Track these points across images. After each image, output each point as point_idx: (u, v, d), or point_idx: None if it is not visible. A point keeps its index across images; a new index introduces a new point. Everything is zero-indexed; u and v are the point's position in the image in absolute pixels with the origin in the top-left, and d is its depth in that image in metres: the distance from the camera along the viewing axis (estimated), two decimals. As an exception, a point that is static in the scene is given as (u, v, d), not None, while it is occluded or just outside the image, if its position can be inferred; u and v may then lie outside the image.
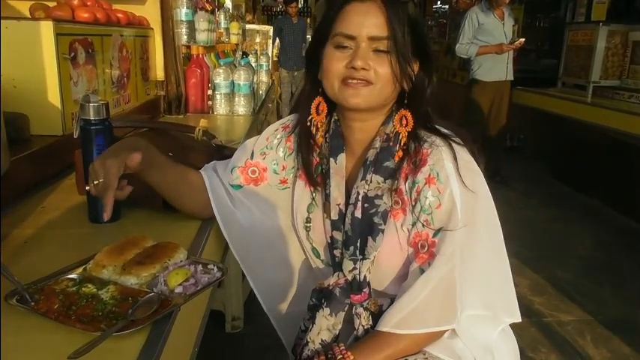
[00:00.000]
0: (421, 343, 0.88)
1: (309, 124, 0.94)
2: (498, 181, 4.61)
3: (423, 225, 0.85)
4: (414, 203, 0.86)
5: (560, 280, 2.89)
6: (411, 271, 0.88)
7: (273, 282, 1.08)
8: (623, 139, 3.71)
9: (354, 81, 0.85)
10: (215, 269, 0.78)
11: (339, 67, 0.86)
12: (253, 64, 3.19)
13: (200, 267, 0.78)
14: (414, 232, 0.87)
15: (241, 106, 2.40)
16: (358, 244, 0.91)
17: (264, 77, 3.66)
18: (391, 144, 0.90)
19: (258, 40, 4.80)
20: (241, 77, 2.38)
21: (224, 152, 1.27)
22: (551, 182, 4.79)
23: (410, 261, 0.89)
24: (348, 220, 0.91)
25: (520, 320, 0.93)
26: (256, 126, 2.35)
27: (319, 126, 0.95)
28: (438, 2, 8.65)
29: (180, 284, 0.72)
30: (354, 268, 0.91)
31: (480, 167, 0.89)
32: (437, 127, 0.91)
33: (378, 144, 0.90)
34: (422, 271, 0.85)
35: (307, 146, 0.96)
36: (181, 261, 0.80)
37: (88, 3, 1.72)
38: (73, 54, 1.38)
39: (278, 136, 1.01)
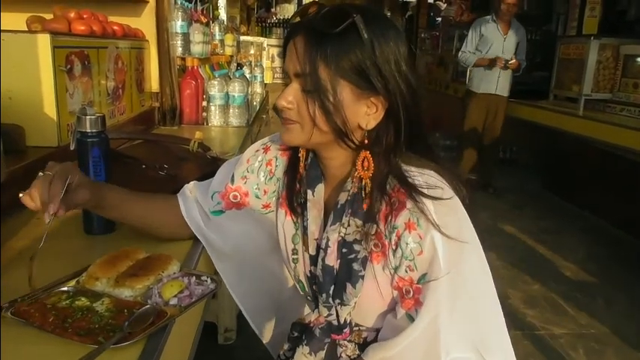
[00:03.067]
0: None
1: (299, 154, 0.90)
2: (491, 192, 4.65)
3: (406, 271, 0.80)
4: (394, 247, 0.80)
5: (553, 293, 2.90)
6: (399, 316, 0.83)
7: (262, 303, 1.07)
8: (615, 152, 3.75)
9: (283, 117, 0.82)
10: (209, 281, 0.79)
11: None
12: (248, 76, 3.21)
13: (194, 279, 0.79)
14: (397, 277, 0.81)
15: (236, 118, 2.41)
16: (331, 292, 0.85)
17: (258, 89, 3.68)
18: (357, 190, 0.83)
19: (252, 51, 4.83)
20: (236, 89, 2.39)
21: (218, 164, 1.28)
22: (543, 194, 4.83)
23: (395, 301, 0.84)
24: (319, 266, 0.86)
25: None
26: (250, 137, 2.36)
27: (302, 154, 0.89)
28: (432, 14, 8.75)
29: (174, 296, 0.73)
30: (330, 314, 0.88)
31: (466, 200, 0.82)
32: (407, 178, 0.79)
33: (350, 186, 0.83)
34: (409, 316, 0.80)
35: (292, 172, 0.91)
36: (175, 273, 0.80)
37: (85, 16, 1.73)
38: (69, 66, 1.39)
39: (259, 159, 0.96)
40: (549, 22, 6.36)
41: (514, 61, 4.35)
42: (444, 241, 0.76)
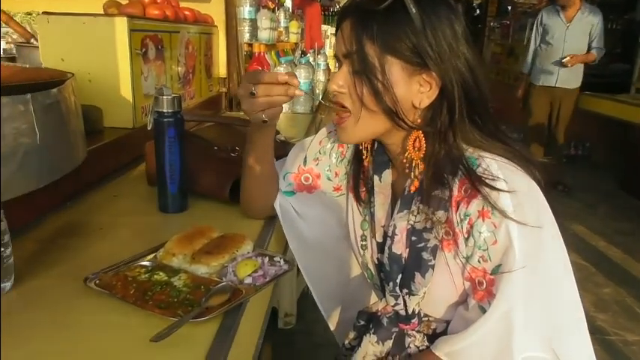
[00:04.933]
0: None
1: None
2: (560, 190, 4.43)
3: (479, 261, 0.76)
4: (466, 236, 0.76)
5: (626, 297, 2.74)
6: (470, 306, 0.79)
7: (330, 289, 1.06)
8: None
9: (336, 112, 0.80)
10: (282, 262, 0.78)
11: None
12: (312, 63, 3.20)
13: (267, 259, 0.78)
14: (469, 267, 0.78)
15: (300, 105, 2.41)
16: (398, 281, 0.83)
17: (321, 76, 3.66)
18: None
19: (315, 40, 4.80)
20: (302, 75, 2.40)
21: (287, 148, 1.27)
22: (618, 194, 4.55)
23: (466, 293, 0.80)
24: (386, 254, 0.84)
25: None
26: (314, 125, 2.36)
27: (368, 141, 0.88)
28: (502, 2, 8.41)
29: (249, 275, 0.73)
30: (397, 304, 0.86)
31: (541, 183, 0.78)
32: (472, 166, 0.75)
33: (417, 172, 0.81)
34: (481, 308, 0.77)
35: (359, 158, 0.91)
36: (248, 252, 0.80)
37: (158, 0, 1.78)
38: (144, 50, 1.43)
39: (331, 140, 0.96)
40: (633, 9, 5.93)
41: (567, 58, 4.14)
42: (520, 231, 0.72)
